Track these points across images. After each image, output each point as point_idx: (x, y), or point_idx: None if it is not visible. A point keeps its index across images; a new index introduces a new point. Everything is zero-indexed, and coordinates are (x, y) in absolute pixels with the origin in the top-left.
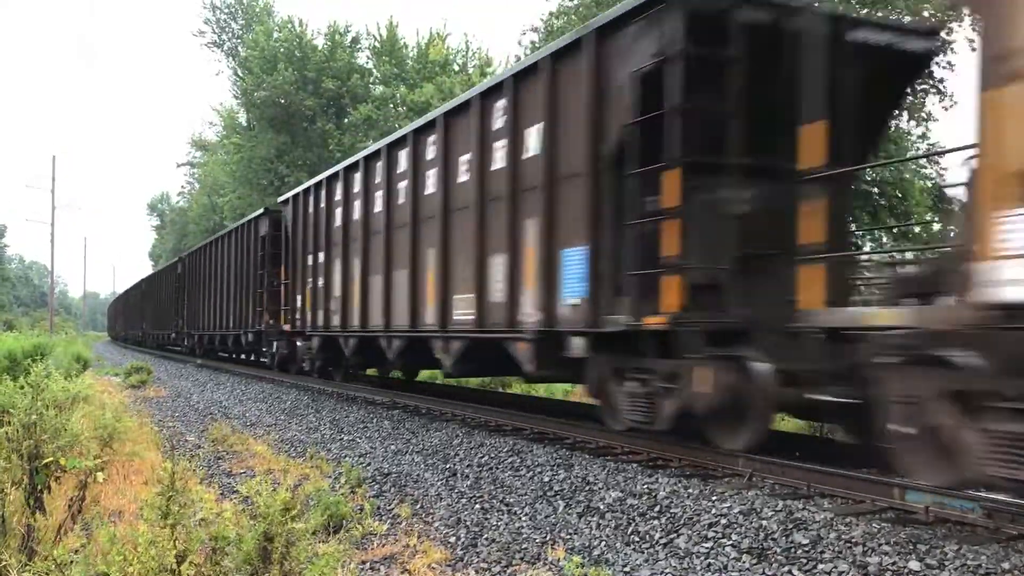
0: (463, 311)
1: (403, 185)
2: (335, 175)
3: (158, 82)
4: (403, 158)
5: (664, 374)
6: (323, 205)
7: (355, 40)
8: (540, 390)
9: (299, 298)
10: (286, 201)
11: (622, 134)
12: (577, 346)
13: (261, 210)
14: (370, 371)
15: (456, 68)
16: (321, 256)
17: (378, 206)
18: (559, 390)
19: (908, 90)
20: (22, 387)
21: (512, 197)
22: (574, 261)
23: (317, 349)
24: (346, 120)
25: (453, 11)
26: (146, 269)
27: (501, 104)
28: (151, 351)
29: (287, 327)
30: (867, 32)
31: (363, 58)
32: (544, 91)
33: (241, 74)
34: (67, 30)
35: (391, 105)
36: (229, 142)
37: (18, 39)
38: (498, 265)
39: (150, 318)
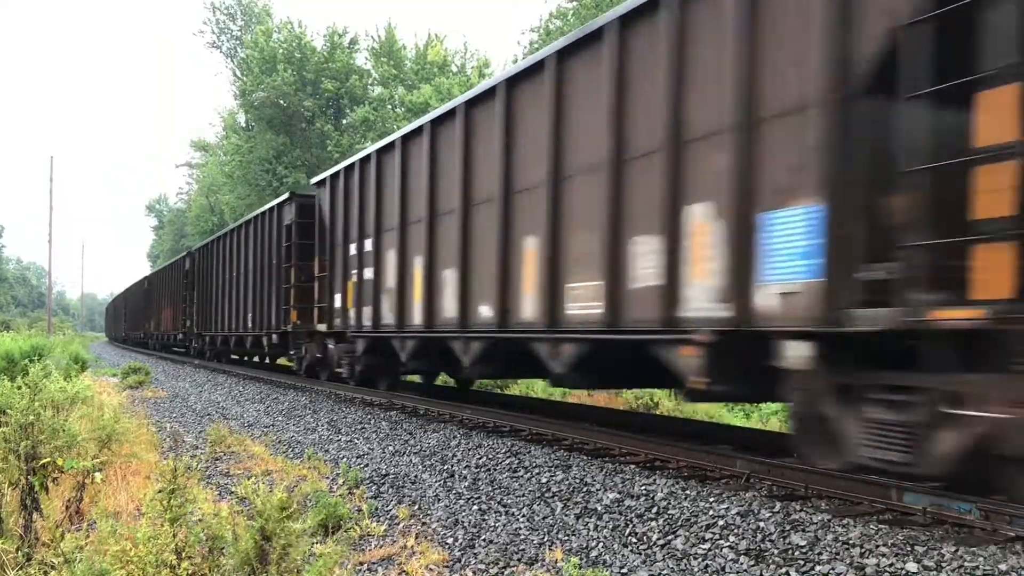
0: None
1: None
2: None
3: (158, 84)
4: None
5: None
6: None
7: (354, 41)
8: (538, 390)
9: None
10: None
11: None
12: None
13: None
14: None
15: (454, 69)
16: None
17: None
18: (558, 391)
19: None
20: (20, 387)
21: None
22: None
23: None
24: (344, 121)
25: (451, 13)
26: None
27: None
28: (151, 352)
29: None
30: None
31: (361, 59)
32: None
33: (240, 74)
34: (67, 31)
35: (389, 106)
36: (228, 143)
37: (17, 40)
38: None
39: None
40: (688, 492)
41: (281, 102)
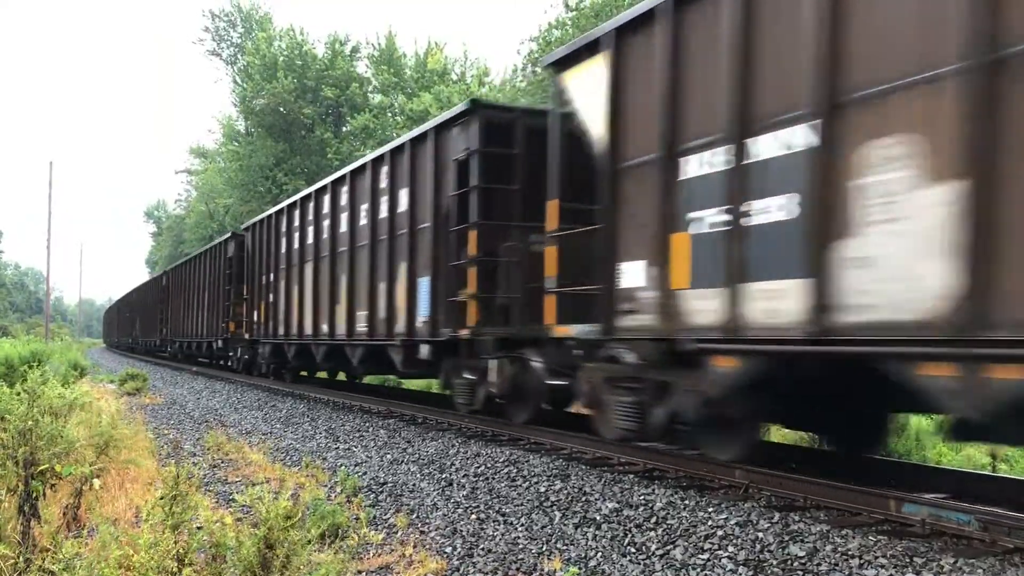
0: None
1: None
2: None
3: (157, 89)
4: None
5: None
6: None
7: (354, 49)
8: None
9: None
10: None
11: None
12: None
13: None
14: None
15: (455, 77)
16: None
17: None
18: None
19: None
20: (18, 393)
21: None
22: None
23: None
24: (344, 128)
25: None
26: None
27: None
28: (142, 357)
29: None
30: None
31: (362, 67)
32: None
33: (240, 81)
34: (66, 36)
35: (389, 114)
36: (228, 149)
37: (17, 43)
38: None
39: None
40: (687, 502)
41: (281, 109)
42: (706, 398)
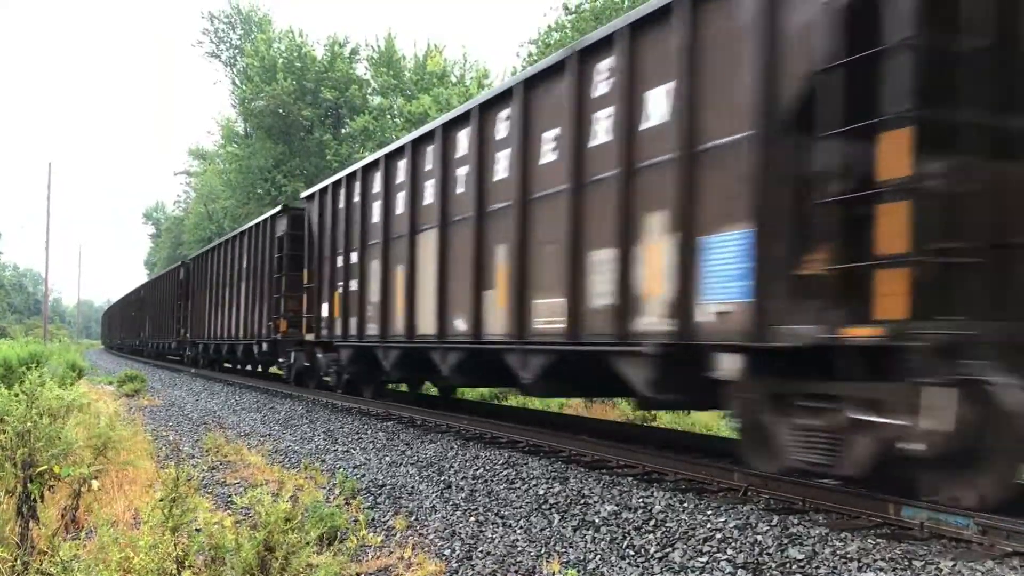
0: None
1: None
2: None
3: (155, 91)
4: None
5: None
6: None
7: (354, 51)
8: (535, 403)
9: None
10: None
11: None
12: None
13: (279, 207)
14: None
15: (454, 80)
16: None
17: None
18: (555, 403)
19: None
20: (17, 395)
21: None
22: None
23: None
24: (344, 130)
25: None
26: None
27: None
28: (147, 360)
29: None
30: None
31: (361, 69)
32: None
33: (240, 83)
34: (65, 37)
35: (388, 116)
36: (227, 151)
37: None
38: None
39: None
40: (686, 505)
41: (280, 111)
42: None
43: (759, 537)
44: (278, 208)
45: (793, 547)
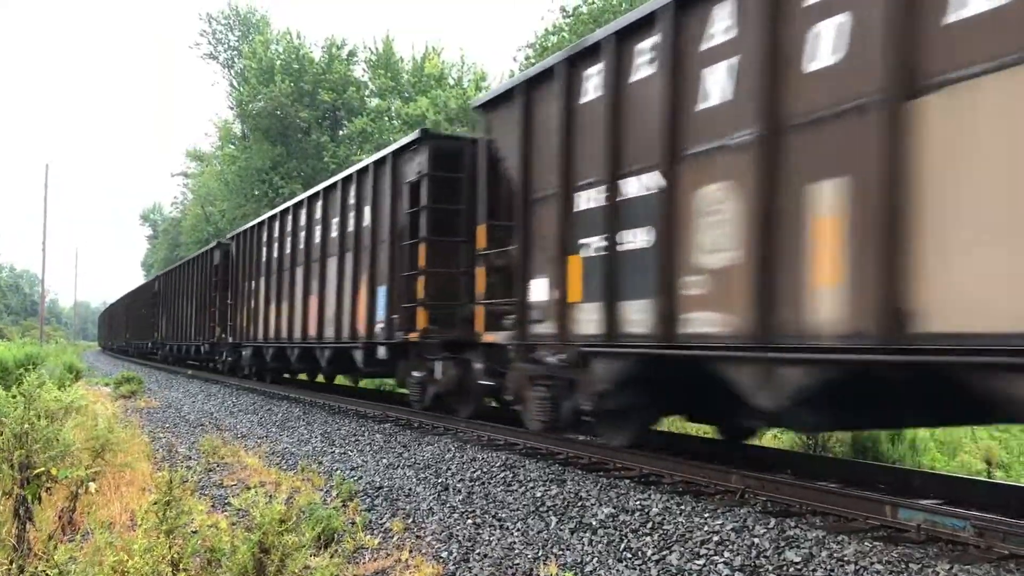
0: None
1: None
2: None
3: (152, 93)
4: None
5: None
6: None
7: (351, 53)
8: None
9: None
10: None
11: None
12: (382, 352)
13: (215, 243)
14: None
15: (451, 82)
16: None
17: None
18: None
19: None
20: (14, 396)
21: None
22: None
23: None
24: (341, 132)
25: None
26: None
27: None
28: (141, 361)
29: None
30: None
31: (359, 71)
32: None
33: (237, 85)
34: (62, 38)
35: (386, 118)
36: (224, 153)
37: (14, 45)
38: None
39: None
40: (683, 507)
41: (278, 113)
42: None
43: (756, 540)
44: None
45: (790, 550)
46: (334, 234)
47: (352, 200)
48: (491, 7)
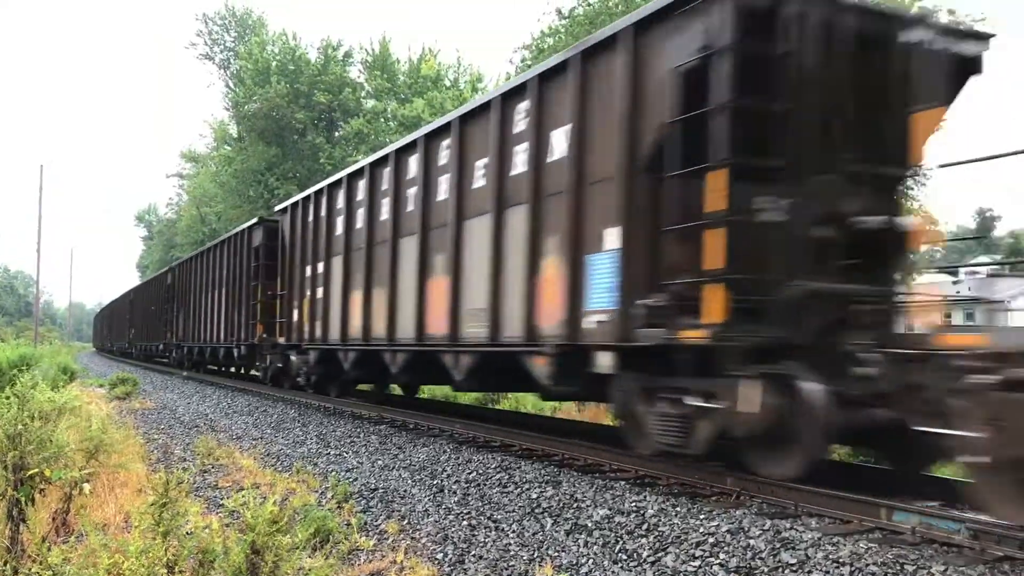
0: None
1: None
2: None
3: (148, 93)
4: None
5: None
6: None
7: (347, 54)
8: (528, 406)
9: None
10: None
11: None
12: (604, 362)
13: (255, 219)
14: (365, 386)
15: (448, 84)
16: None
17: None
18: (548, 406)
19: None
20: (8, 398)
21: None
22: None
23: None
24: (337, 133)
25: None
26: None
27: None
28: (137, 363)
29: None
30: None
31: (355, 72)
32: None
33: (233, 86)
34: (58, 39)
35: (382, 119)
36: (219, 154)
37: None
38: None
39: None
40: (679, 509)
41: (273, 114)
42: None
43: (752, 541)
44: (254, 220)
45: (786, 551)
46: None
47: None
48: (488, 9)
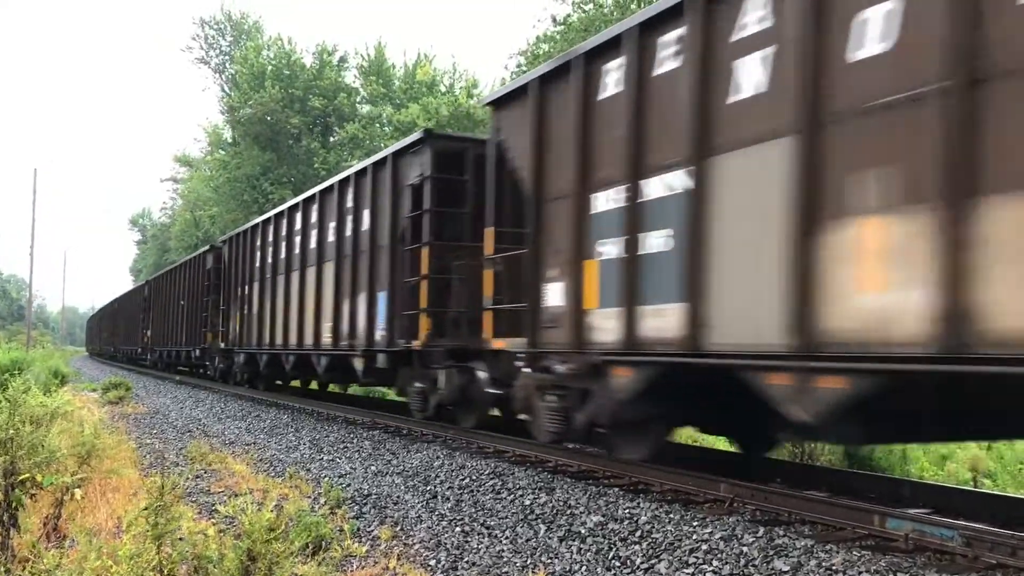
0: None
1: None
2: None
3: (142, 97)
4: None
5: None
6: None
7: (342, 59)
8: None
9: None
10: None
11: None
12: (382, 360)
13: (207, 247)
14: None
15: (443, 89)
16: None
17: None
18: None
19: None
20: None
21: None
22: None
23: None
24: (332, 138)
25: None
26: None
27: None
28: (126, 366)
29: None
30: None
31: (350, 77)
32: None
33: (228, 90)
34: (54, 40)
35: (377, 125)
36: (214, 158)
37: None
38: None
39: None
40: (672, 516)
41: (268, 118)
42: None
43: (745, 548)
44: (207, 247)
45: (779, 559)
46: (331, 238)
47: (350, 203)
48: (483, 14)
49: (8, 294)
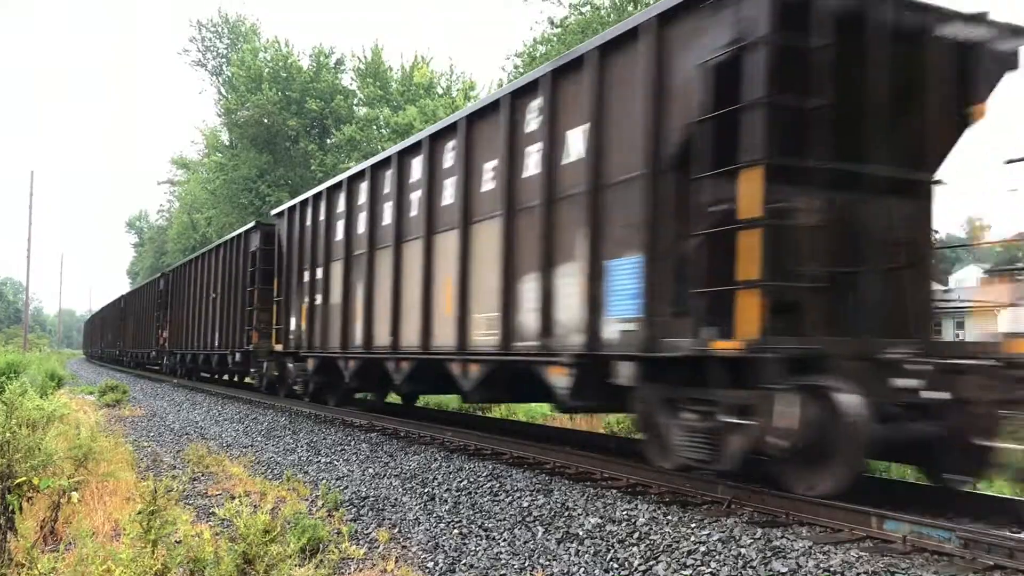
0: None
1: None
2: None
3: (139, 100)
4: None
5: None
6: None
7: (339, 62)
8: (520, 414)
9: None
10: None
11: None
12: (624, 373)
13: (252, 223)
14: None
15: (440, 91)
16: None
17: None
18: (538, 413)
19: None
20: None
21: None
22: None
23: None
24: (329, 141)
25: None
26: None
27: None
28: (128, 370)
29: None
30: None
31: (347, 80)
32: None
33: (225, 92)
34: (49, 44)
35: (374, 127)
36: (211, 161)
37: None
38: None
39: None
40: (670, 517)
41: (265, 121)
42: None
43: (743, 550)
44: (251, 224)
45: (777, 560)
46: (490, 185)
47: (534, 124)
48: (481, 17)
49: (5, 297)
